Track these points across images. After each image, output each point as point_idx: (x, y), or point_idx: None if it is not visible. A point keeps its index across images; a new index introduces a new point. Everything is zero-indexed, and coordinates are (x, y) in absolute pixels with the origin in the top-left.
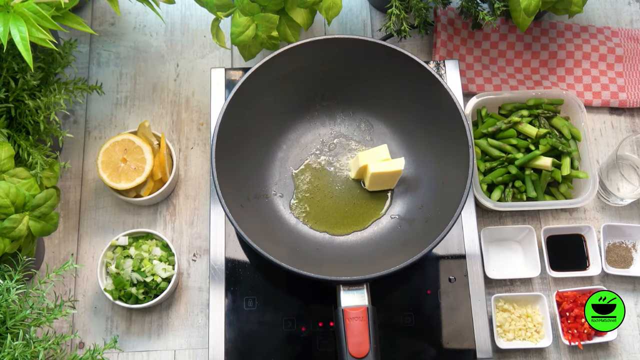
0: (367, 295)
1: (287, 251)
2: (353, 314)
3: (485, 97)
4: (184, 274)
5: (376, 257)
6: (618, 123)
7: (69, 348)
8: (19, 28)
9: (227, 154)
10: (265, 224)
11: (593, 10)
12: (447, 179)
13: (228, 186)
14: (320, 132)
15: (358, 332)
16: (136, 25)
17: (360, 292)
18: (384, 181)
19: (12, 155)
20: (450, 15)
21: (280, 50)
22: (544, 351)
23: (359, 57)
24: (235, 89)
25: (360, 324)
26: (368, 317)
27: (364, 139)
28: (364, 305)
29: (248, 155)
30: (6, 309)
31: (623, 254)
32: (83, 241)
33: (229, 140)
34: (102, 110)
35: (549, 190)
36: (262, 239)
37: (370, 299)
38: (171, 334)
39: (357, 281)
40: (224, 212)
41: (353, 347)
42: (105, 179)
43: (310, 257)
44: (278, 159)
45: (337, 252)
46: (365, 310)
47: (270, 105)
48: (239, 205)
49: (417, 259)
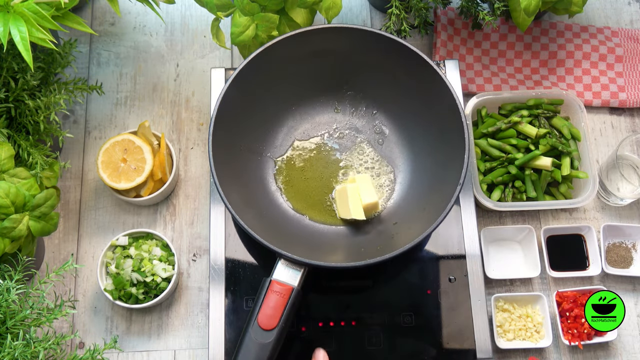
0: (299, 278)
1: (254, 213)
2: (278, 287)
3: (485, 97)
4: (184, 274)
5: (348, 249)
6: (618, 123)
7: (69, 348)
8: (19, 28)
9: (237, 99)
10: (244, 179)
11: (593, 10)
12: (439, 183)
13: (222, 132)
14: (337, 117)
15: (274, 306)
16: (136, 25)
17: (296, 272)
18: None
19: (12, 155)
20: (450, 15)
21: (318, 27)
22: (544, 351)
23: (386, 57)
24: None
25: (279, 299)
26: (290, 297)
27: (375, 142)
28: (292, 285)
29: (258, 108)
30: (6, 309)
31: (623, 254)
32: (83, 241)
33: (242, 88)
34: (102, 110)
35: (549, 190)
36: (233, 190)
37: (302, 284)
38: (171, 334)
39: (296, 260)
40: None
41: (263, 317)
42: (105, 179)
43: (273, 225)
44: (287, 125)
45: (302, 231)
46: (290, 289)
47: (299, 74)
48: (225, 152)
49: (373, 263)
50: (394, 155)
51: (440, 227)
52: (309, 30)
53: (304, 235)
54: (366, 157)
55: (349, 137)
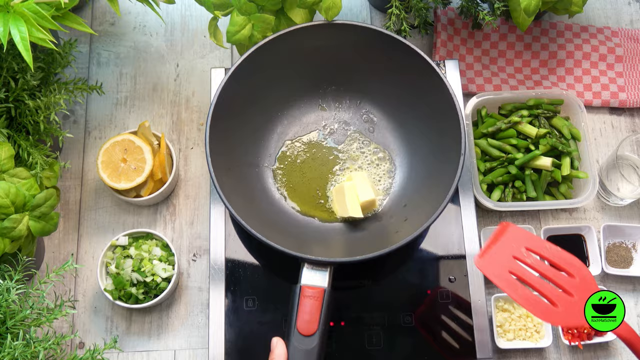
0: (328, 278)
1: (263, 221)
2: (310, 292)
3: (485, 97)
4: (184, 274)
5: (350, 245)
6: (618, 123)
7: (69, 348)
8: (19, 28)
9: (224, 118)
10: (247, 191)
11: (593, 10)
12: (436, 178)
13: (219, 148)
14: (324, 115)
15: (310, 311)
16: (136, 25)
17: (323, 273)
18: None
19: (12, 155)
20: (450, 15)
21: (292, 28)
22: (544, 351)
23: (368, 46)
24: (246, 54)
25: (314, 304)
26: (323, 299)
27: (365, 130)
28: (323, 286)
29: (246, 122)
30: (6, 309)
31: (623, 254)
32: (83, 241)
33: (228, 105)
34: (102, 110)
35: (549, 190)
36: (240, 205)
37: (331, 283)
38: (171, 334)
39: (321, 262)
40: (209, 171)
41: (302, 324)
42: (105, 179)
43: (284, 231)
44: (276, 131)
45: (312, 231)
46: (322, 291)
47: (278, 79)
48: (225, 169)
49: (385, 253)
50: (388, 141)
51: (441, 227)
52: (293, 30)
53: (317, 235)
54: (361, 144)
55: (339, 131)
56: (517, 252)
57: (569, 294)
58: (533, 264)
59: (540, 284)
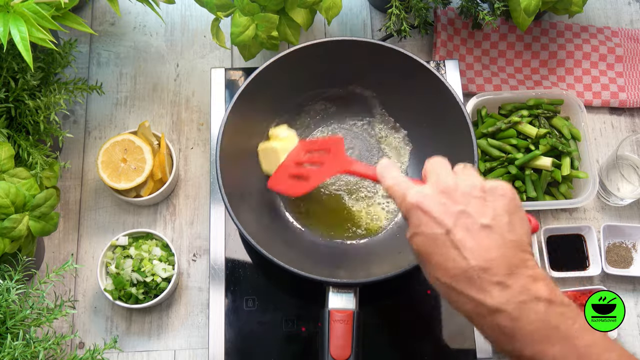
0: (355, 300)
1: (281, 247)
2: (339, 316)
3: (485, 97)
4: (184, 274)
5: (370, 263)
6: (618, 123)
7: (69, 348)
8: (19, 28)
9: (231, 147)
10: (262, 217)
11: (593, 10)
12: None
13: (230, 177)
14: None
15: (341, 335)
16: (136, 25)
17: (349, 295)
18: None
19: (12, 155)
20: (450, 15)
21: (289, 50)
22: None
23: (361, 58)
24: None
25: (344, 328)
26: (353, 322)
27: (376, 149)
28: (351, 309)
29: (253, 148)
30: (6, 309)
31: (623, 254)
32: (83, 241)
33: (233, 135)
34: (102, 110)
35: (549, 190)
36: (257, 232)
37: (358, 304)
38: (171, 334)
39: (347, 284)
40: (223, 202)
41: (335, 350)
42: (105, 179)
43: (303, 256)
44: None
45: (331, 254)
46: (351, 314)
47: (281, 98)
48: (238, 195)
49: (409, 269)
50: (402, 159)
51: None
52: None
53: (334, 255)
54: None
55: (350, 150)
56: (297, 158)
57: (321, 164)
58: (302, 159)
59: (299, 169)
